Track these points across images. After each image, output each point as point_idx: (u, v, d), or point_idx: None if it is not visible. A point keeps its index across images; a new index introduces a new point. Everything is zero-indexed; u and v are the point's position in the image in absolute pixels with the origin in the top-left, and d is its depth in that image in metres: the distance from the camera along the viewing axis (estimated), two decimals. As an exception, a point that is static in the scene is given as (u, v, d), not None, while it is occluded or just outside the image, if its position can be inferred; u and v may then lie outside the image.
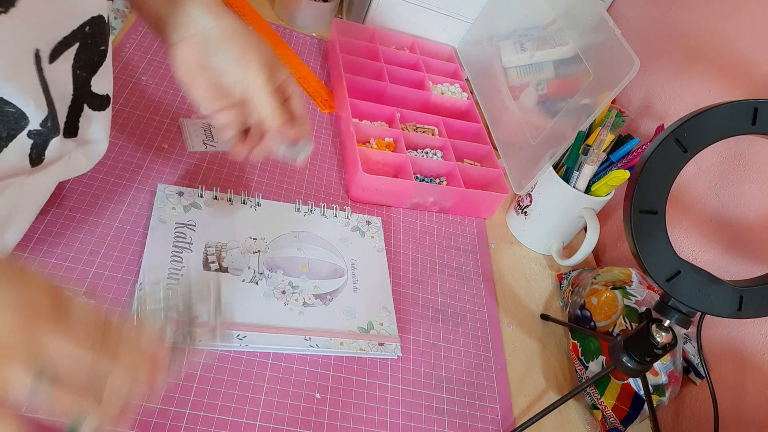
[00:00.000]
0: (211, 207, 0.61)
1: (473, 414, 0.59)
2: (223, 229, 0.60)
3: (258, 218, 0.63)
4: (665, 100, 0.82)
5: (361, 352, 0.57)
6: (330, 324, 0.58)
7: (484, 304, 0.70)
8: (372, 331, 0.59)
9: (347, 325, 0.59)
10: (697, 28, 0.78)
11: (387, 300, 0.63)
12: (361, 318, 0.60)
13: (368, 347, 0.58)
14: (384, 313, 0.61)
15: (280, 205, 0.66)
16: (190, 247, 0.57)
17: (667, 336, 0.53)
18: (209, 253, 0.58)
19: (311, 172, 0.74)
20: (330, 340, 0.56)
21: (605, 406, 0.62)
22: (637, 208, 0.49)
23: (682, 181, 0.76)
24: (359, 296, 0.62)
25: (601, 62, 0.73)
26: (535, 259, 0.80)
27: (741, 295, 0.51)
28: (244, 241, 0.60)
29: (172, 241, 0.57)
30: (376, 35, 0.94)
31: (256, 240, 0.61)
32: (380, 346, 0.58)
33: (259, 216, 0.63)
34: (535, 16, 0.89)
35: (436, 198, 0.76)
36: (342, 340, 0.57)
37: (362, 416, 0.54)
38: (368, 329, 0.59)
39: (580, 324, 0.68)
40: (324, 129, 0.81)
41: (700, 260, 0.72)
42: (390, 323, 0.61)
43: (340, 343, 0.57)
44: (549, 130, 0.78)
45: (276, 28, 0.92)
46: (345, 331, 0.58)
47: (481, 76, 0.96)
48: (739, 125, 0.48)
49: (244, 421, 0.49)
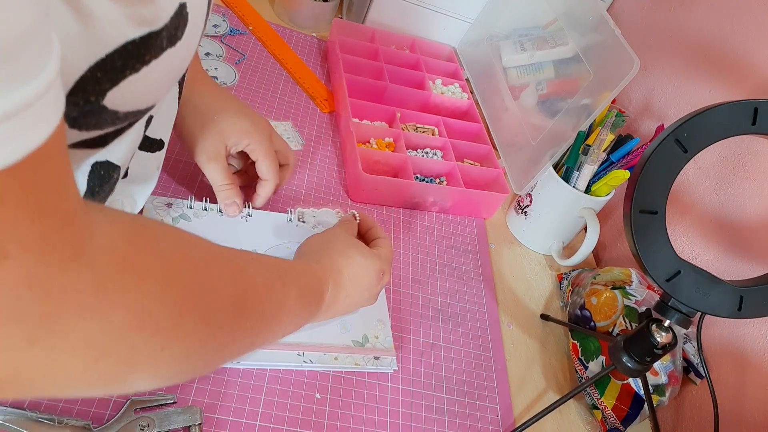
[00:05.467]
0: (201, 218, 0.59)
1: (473, 414, 0.59)
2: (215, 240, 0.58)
3: (249, 229, 0.61)
4: (665, 100, 0.82)
5: (356, 367, 0.55)
6: (324, 338, 0.56)
7: (484, 304, 0.70)
8: (367, 344, 0.57)
9: (341, 338, 0.56)
10: (697, 28, 0.78)
11: (382, 312, 0.61)
12: (355, 331, 0.58)
13: (363, 361, 0.56)
14: (379, 325, 0.59)
15: (273, 215, 0.64)
16: None
17: (667, 336, 0.53)
18: None
19: (311, 172, 0.74)
20: (324, 355, 0.54)
21: (605, 406, 0.62)
22: (637, 208, 0.49)
23: (682, 181, 0.76)
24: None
25: (601, 62, 0.73)
26: (535, 259, 0.80)
27: (741, 295, 0.51)
28: None
29: None
30: (376, 35, 0.94)
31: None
32: (376, 359, 0.57)
33: (251, 227, 0.61)
34: (535, 16, 0.89)
35: (436, 198, 0.76)
36: (336, 355, 0.55)
37: (362, 416, 0.54)
38: (363, 342, 0.57)
39: (580, 324, 0.68)
40: (324, 129, 0.81)
41: (700, 260, 0.72)
42: (386, 336, 0.59)
43: (334, 358, 0.55)
44: (549, 130, 0.78)
45: (276, 28, 0.92)
46: (339, 345, 0.56)
47: (481, 76, 0.96)
48: (739, 125, 0.48)
49: (244, 421, 0.49)
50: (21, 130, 0.19)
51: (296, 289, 0.43)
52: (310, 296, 0.46)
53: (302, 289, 0.44)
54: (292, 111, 0.81)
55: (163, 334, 0.27)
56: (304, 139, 0.77)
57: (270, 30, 0.91)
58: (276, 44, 0.89)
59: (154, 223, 0.33)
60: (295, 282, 0.43)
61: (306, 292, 0.45)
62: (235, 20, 0.90)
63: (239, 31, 0.88)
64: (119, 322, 0.25)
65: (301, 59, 0.89)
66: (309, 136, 0.78)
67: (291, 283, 0.42)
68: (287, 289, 0.42)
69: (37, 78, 0.19)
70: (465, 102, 0.90)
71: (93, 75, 0.28)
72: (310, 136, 0.79)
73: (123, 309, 0.25)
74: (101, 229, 0.25)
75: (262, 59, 0.85)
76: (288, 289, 0.42)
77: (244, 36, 0.87)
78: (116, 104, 0.30)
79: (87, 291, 0.23)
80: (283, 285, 0.41)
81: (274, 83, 0.83)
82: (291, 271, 0.44)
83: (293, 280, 0.43)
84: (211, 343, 0.32)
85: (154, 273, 0.27)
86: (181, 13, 0.30)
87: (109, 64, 0.28)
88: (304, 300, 0.44)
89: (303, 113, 0.81)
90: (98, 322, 0.24)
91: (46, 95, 0.20)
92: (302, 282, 0.45)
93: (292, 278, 0.43)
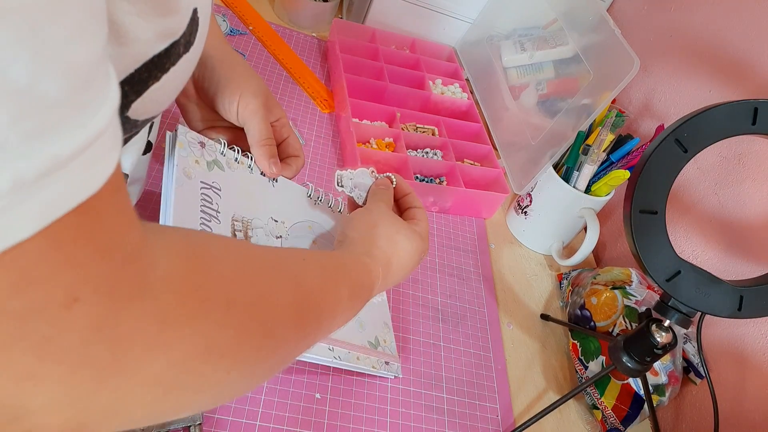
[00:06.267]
0: (234, 171, 0.54)
1: (473, 414, 0.59)
2: (247, 201, 0.54)
3: (277, 196, 0.58)
4: (665, 100, 0.82)
5: (373, 370, 0.55)
6: (346, 335, 0.54)
7: (484, 304, 0.70)
8: (379, 347, 0.57)
9: (359, 337, 0.55)
10: (697, 28, 0.78)
11: (385, 314, 0.61)
12: (369, 331, 0.57)
13: (378, 365, 0.56)
14: (385, 329, 0.59)
15: (295, 187, 0.61)
16: (218, 217, 0.50)
17: (667, 336, 0.53)
18: (237, 229, 0.52)
19: (311, 172, 0.74)
20: (349, 353, 0.53)
21: (605, 406, 0.62)
22: (637, 208, 0.49)
23: (682, 181, 0.76)
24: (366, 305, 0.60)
25: (601, 62, 0.73)
26: (535, 259, 0.80)
27: (741, 295, 0.51)
28: (267, 222, 0.55)
29: (199, 205, 0.49)
30: (376, 35, 0.94)
31: (277, 223, 0.56)
32: (386, 364, 0.57)
33: (278, 194, 0.58)
34: (535, 16, 0.89)
35: (436, 198, 0.76)
36: (359, 355, 0.54)
37: (362, 416, 0.54)
38: (376, 345, 0.57)
39: (580, 324, 0.68)
40: (324, 129, 0.81)
41: (700, 260, 0.72)
42: (391, 341, 0.59)
43: (356, 358, 0.54)
44: (549, 130, 0.78)
45: (276, 28, 0.92)
46: (359, 344, 0.55)
47: (481, 76, 0.96)
48: (739, 125, 0.48)
49: (244, 421, 0.49)
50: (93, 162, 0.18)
51: (348, 287, 0.42)
52: (362, 291, 0.45)
53: (354, 285, 0.43)
54: (292, 111, 0.81)
55: (229, 357, 0.27)
56: (304, 139, 0.77)
57: (270, 30, 0.91)
58: (276, 44, 0.89)
59: (209, 238, 0.31)
60: (346, 279, 0.42)
61: (358, 287, 0.44)
62: (235, 20, 0.89)
63: (239, 31, 0.88)
64: (185, 353, 0.24)
65: (301, 59, 0.89)
66: (309, 136, 0.78)
67: (343, 281, 0.42)
68: (340, 287, 0.41)
69: (104, 105, 0.19)
70: (465, 102, 0.90)
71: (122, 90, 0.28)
72: (310, 136, 0.79)
73: (188, 339, 0.24)
74: (160, 256, 0.24)
75: (262, 59, 0.85)
76: (341, 287, 0.41)
77: (244, 36, 0.87)
78: (138, 114, 0.31)
79: (151, 326, 0.22)
80: (336, 284, 0.40)
81: (274, 83, 0.83)
82: (342, 268, 0.43)
83: (345, 277, 0.42)
84: (274, 355, 0.31)
85: (214, 297, 0.26)
86: (194, 18, 0.30)
87: (137, 78, 0.28)
88: (356, 296, 0.43)
89: (303, 113, 0.81)
90: (164, 356, 0.23)
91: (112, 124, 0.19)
92: (354, 278, 0.44)
93: (344, 275, 0.42)
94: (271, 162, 0.53)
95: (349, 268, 0.44)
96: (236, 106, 0.51)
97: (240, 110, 0.51)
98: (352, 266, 0.45)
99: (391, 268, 0.49)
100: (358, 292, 0.44)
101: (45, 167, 0.17)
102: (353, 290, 0.43)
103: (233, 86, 0.51)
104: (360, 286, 0.44)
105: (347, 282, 0.42)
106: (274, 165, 0.53)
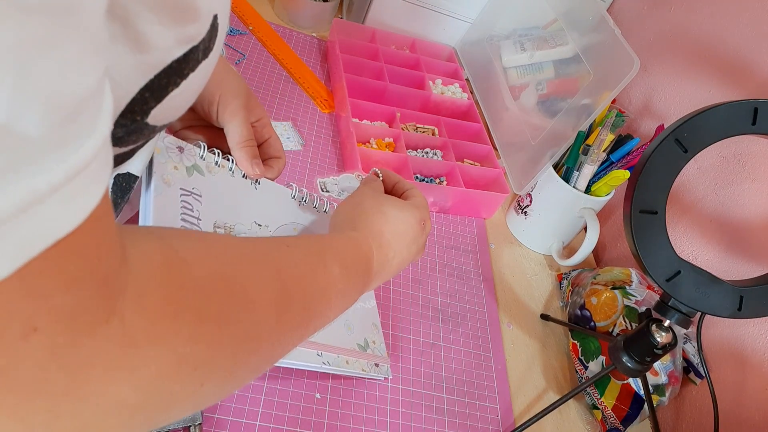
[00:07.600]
0: (214, 175, 0.53)
1: (473, 414, 0.59)
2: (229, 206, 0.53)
3: (260, 199, 0.57)
4: (665, 100, 0.82)
5: (363, 373, 0.55)
6: (334, 339, 0.53)
7: (484, 304, 0.70)
8: (368, 349, 0.57)
9: (348, 340, 0.55)
10: (697, 28, 0.78)
11: (375, 316, 0.60)
12: (357, 333, 0.57)
13: (368, 368, 0.55)
14: (374, 330, 0.59)
15: (278, 188, 0.59)
16: (199, 224, 0.49)
17: (667, 336, 0.53)
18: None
19: (311, 171, 0.74)
20: (338, 357, 0.52)
21: (605, 406, 0.62)
22: (637, 208, 0.49)
23: (682, 181, 0.76)
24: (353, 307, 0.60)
25: (601, 62, 0.73)
26: (535, 259, 0.80)
27: (741, 295, 0.51)
28: (250, 227, 0.54)
29: (179, 214, 0.47)
30: (376, 35, 0.94)
31: (261, 227, 0.56)
32: (376, 366, 0.56)
33: (261, 197, 0.57)
34: (535, 16, 0.89)
35: (436, 198, 0.76)
36: (347, 359, 0.54)
37: (362, 416, 0.54)
38: (365, 347, 0.57)
39: (580, 324, 0.68)
40: (324, 129, 0.81)
41: (700, 260, 0.72)
42: (380, 342, 0.58)
43: (345, 362, 0.53)
44: (549, 130, 0.78)
45: (276, 28, 0.92)
46: (348, 348, 0.55)
47: (481, 76, 0.96)
48: (739, 125, 0.48)
49: (244, 421, 0.49)
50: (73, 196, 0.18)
51: (339, 265, 0.40)
52: (357, 267, 0.43)
53: (346, 263, 0.42)
54: (292, 111, 0.81)
55: (202, 369, 0.26)
56: (304, 139, 0.77)
57: (270, 30, 0.91)
58: (276, 44, 0.89)
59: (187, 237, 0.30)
60: (336, 258, 0.41)
61: (351, 264, 0.42)
62: (235, 20, 0.89)
63: (239, 31, 0.88)
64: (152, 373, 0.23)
65: (301, 59, 0.89)
66: (309, 136, 0.78)
67: (333, 261, 0.40)
68: (330, 268, 0.39)
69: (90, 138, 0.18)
70: (465, 102, 0.90)
71: (142, 96, 0.28)
72: (310, 136, 0.79)
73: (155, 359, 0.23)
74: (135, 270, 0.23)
75: (262, 59, 0.85)
76: (331, 268, 0.39)
77: (244, 36, 0.87)
78: (157, 120, 0.30)
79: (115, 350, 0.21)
80: (325, 266, 0.39)
81: (274, 83, 0.83)
82: (330, 248, 0.41)
83: (334, 257, 0.41)
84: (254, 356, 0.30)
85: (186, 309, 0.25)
86: (214, 25, 0.30)
87: (156, 84, 0.28)
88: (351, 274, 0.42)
89: (303, 113, 0.81)
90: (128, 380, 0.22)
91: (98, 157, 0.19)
92: (344, 255, 0.42)
93: (332, 255, 0.41)
94: (254, 163, 0.51)
95: (337, 247, 0.42)
96: (216, 107, 0.49)
97: (219, 111, 0.49)
98: (341, 244, 0.43)
99: (385, 237, 0.47)
100: (353, 269, 0.42)
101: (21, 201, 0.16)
102: (345, 267, 0.41)
103: (212, 86, 0.49)
104: (353, 262, 0.43)
105: (337, 260, 0.40)
106: (256, 166, 0.51)
